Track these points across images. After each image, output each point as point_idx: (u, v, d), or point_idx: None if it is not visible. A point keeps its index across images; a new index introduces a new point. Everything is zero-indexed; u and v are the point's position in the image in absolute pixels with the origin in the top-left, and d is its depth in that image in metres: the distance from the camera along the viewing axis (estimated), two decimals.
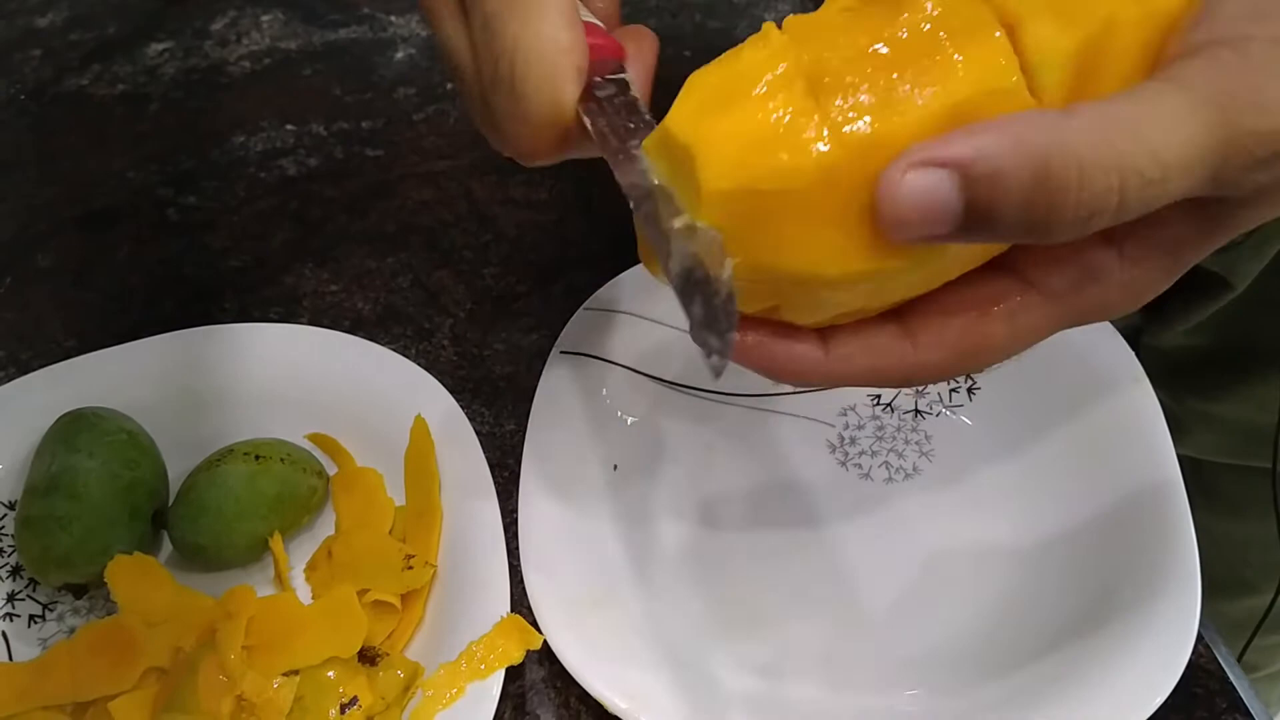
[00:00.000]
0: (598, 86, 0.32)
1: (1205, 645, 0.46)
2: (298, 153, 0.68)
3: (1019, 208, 0.25)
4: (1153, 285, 0.30)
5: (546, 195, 0.65)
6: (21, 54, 0.75)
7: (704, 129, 0.27)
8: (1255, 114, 0.26)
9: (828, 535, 0.50)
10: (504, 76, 0.30)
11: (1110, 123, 0.25)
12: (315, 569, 0.48)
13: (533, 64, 0.30)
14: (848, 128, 0.27)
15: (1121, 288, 0.30)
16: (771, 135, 0.27)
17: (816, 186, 0.27)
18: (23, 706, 0.44)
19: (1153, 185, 0.25)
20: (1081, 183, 0.25)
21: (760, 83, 0.27)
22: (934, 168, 0.25)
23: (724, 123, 0.27)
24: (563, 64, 0.30)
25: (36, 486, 0.47)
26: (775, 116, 0.27)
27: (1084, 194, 0.25)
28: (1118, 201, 0.25)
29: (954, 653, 0.46)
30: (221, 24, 0.77)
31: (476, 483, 0.48)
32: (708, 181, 0.27)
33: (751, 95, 0.27)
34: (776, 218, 0.27)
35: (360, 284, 0.61)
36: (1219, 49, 0.27)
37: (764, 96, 0.27)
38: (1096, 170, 0.25)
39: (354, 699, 0.43)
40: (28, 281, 0.61)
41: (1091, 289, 0.30)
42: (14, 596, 0.48)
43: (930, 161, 0.25)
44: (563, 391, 0.51)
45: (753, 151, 0.27)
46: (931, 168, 0.25)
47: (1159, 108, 0.26)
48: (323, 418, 0.52)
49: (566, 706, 0.45)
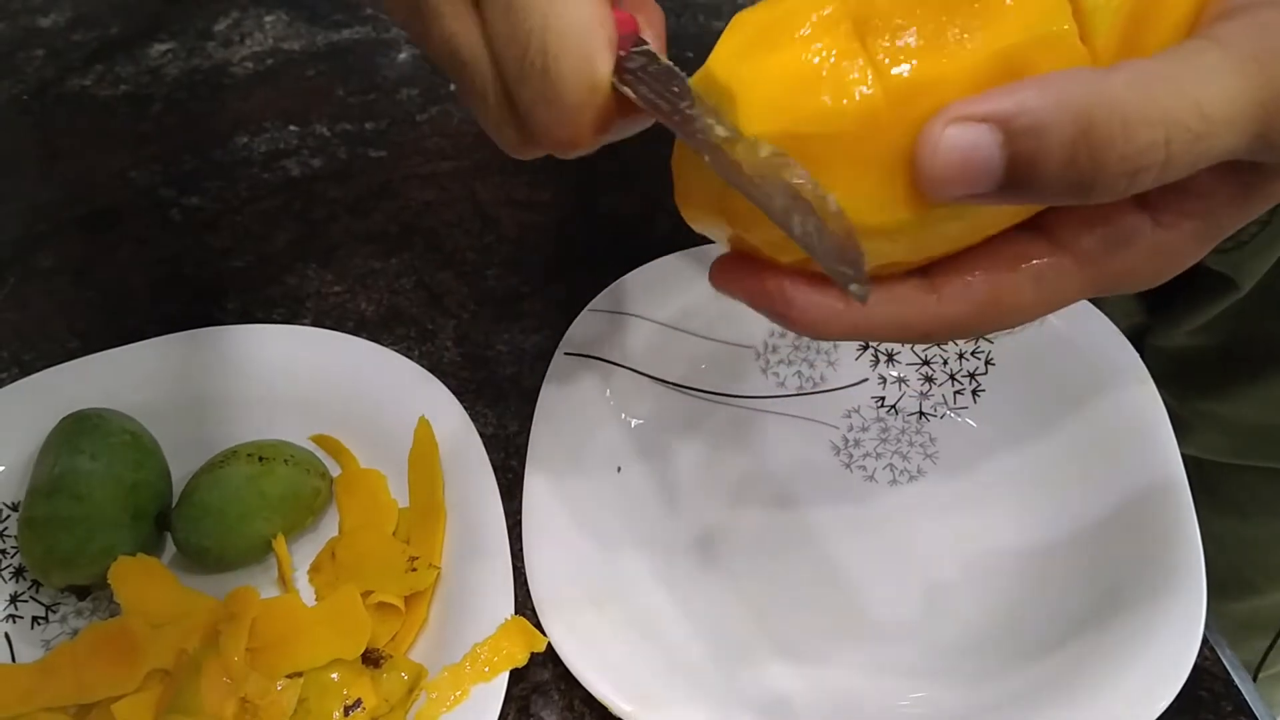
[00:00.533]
0: (627, 59, 0.31)
1: (1210, 648, 0.46)
2: (301, 153, 0.68)
3: (1062, 164, 0.25)
4: (1184, 254, 0.30)
5: (550, 196, 0.65)
6: (24, 54, 0.75)
7: (745, 70, 0.27)
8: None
9: (832, 537, 0.50)
10: (534, 61, 0.29)
11: (1154, 78, 0.25)
12: (319, 571, 0.48)
13: (566, 42, 0.29)
14: (894, 70, 0.26)
15: (1152, 253, 0.29)
16: (814, 77, 0.26)
17: (858, 131, 0.26)
18: (26, 708, 0.43)
19: (1200, 140, 0.25)
20: (1127, 136, 0.24)
21: (805, 24, 0.27)
22: (975, 123, 0.25)
23: (766, 64, 0.27)
24: (596, 39, 0.29)
25: (40, 488, 0.47)
26: (819, 59, 0.26)
27: (1129, 148, 0.24)
28: (1164, 157, 0.25)
29: (958, 654, 0.46)
30: (224, 25, 0.77)
31: (480, 484, 0.48)
32: (748, 124, 0.27)
33: (795, 36, 0.27)
34: (818, 162, 0.27)
35: (363, 285, 0.61)
36: (1260, 9, 0.26)
37: (808, 38, 0.27)
38: (1142, 124, 0.24)
39: (358, 701, 0.43)
40: (30, 281, 0.61)
41: (1122, 253, 0.29)
42: (17, 598, 0.48)
43: (971, 116, 0.25)
44: (567, 393, 0.51)
45: (794, 93, 0.27)
46: (972, 123, 0.25)
47: (1202, 63, 0.25)
48: (326, 419, 0.52)
49: (570, 709, 0.45)
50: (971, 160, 0.25)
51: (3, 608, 0.48)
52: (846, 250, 0.25)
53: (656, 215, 0.64)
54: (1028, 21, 0.26)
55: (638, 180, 0.65)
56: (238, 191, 0.66)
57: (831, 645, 0.46)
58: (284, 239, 0.63)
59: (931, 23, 0.26)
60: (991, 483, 0.51)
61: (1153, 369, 0.50)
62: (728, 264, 0.31)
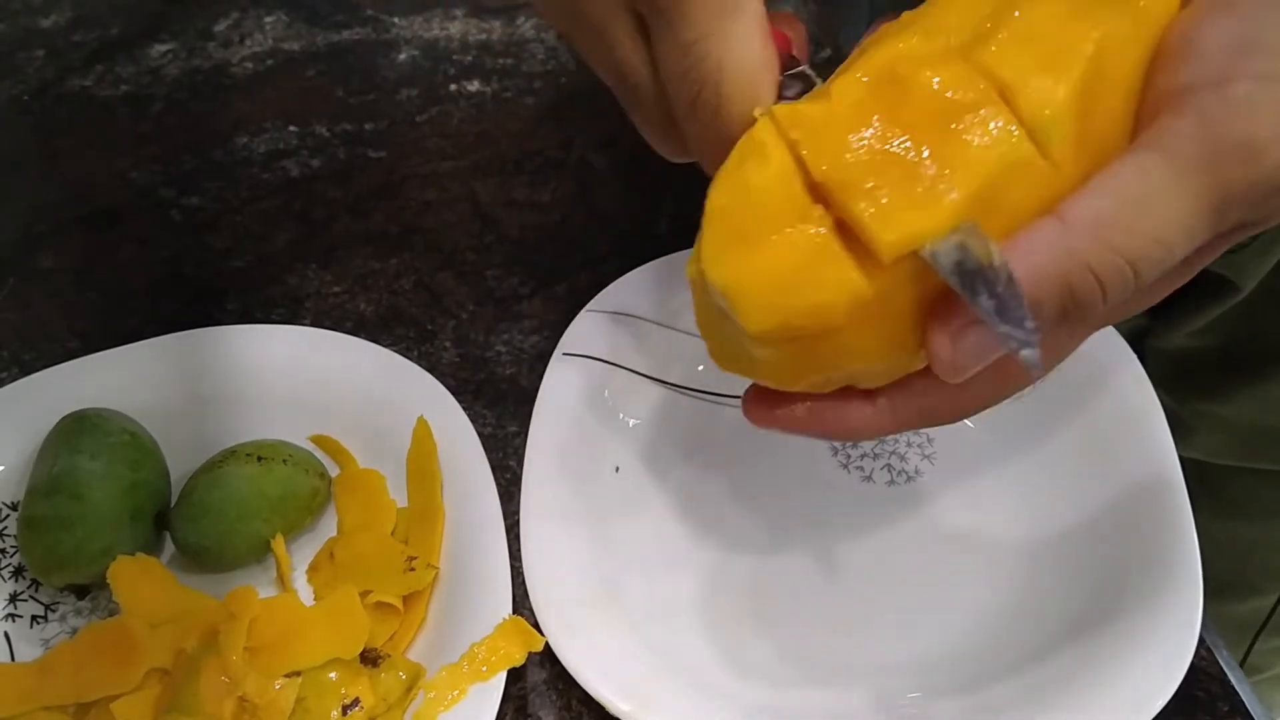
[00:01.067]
0: (784, 88, 0.32)
1: (1207, 648, 0.46)
2: (300, 154, 0.68)
3: (1056, 323, 0.28)
4: (1165, 289, 0.32)
5: (549, 197, 0.65)
6: (25, 54, 0.75)
7: (733, 272, 0.28)
8: (1245, 163, 0.27)
9: (829, 538, 0.50)
10: (708, 102, 0.31)
11: (1112, 227, 0.27)
12: (317, 570, 0.48)
13: (738, 87, 0.31)
14: (876, 241, 0.27)
15: (1137, 295, 0.30)
16: (799, 276, 0.28)
17: (852, 317, 0.28)
18: (25, 707, 0.44)
19: (1163, 260, 0.28)
20: (1103, 287, 0.27)
21: (776, 215, 0.28)
22: (975, 325, 0.27)
23: (750, 264, 0.28)
24: (764, 81, 0.31)
25: (39, 487, 0.47)
26: (798, 255, 0.28)
27: (1108, 293, 0.27)
28: (1135, 285, 0.28)
29: (954, 655, 0.46)
30: (224, 25, 0.77)
31: (479, 484, 0.48)
32: (749, 325, 0.28)
33: (770, 237, 0.28)
34: (822, 341, 0.29)
35: (363, 285, 0.61)
36: (1203, 96, 0.27)
37: (785, 237, 0.28)
38: (1112, 272, 0.27)
39: (356, 700, 0.43)
40: (30, 281, 0.61)
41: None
42: (16, 597, 0.48)
43: (970, 322, 0.27)
44: (565, 393, 0.51)
45: (784, 294, 0.28)
46: (972, 326, 0.27)
47: (1151, 187, 0.27)
48: (325, 419, 0.52)
49: (568, 709, 0.45)
50: (982, 352, 0.28)
51: (2, 607, 0.48)
52: (1015, 309, 0.26)
53: (655, 217, 0.64)
54: (993, 154, 0.27)
55: (637, 182, 0.66)
56: (238, 192, 0.66)
57: (828, 644, 0.46)
58: (284, 239, 0.63)
59: (901, 175, 0.27)
60: (989, 483, 0.51)
61: (1153, 371, 0.50)
62: (757, 405, 0.34)
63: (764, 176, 0.28)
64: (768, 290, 0.28)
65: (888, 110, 0.28)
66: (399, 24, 0.77)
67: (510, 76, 0.73)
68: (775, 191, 0.28)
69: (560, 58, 0.74)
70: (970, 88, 0.28)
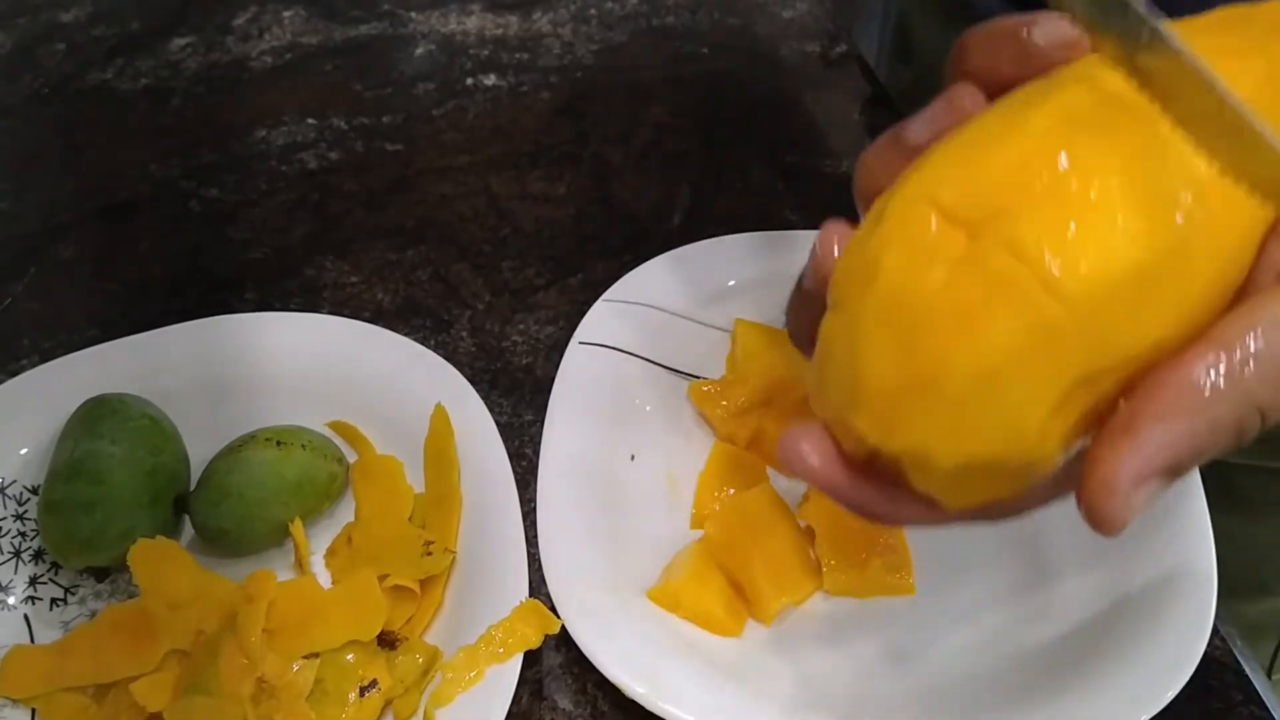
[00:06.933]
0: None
1: (1221, 638, 0.46)
2: (318, 146, 0.69)
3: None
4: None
5: (564, 190, 0.66)
6: (46, 48, 0.75)
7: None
8: None
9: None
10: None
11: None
12: (335, 554, 0.49)
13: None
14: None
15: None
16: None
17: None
18: (45, 688, 0.44)
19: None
20: (1264, 417, 0.26)
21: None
22: (1147, 480, 0.26)
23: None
24: None
25: (60, 471, 0.47)
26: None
27: (1269, 420, 0.27)
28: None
29: (968, 643, 0.46)
30: (243, 19, 0.77)
31: (496, 470, 0.48)
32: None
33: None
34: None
35: (380, 276, 0.61)
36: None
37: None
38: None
39: (373, 682, 0.43)
40: (51, 272, 0.62)
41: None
42: (36, 580, 0.49)
43: (1141, 478, 0.26)
44: (580, 382, 0.51)
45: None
46: (1145, 481, 0.26)
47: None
48: (343, 406, 0.52)
49: (584, 692, 0.45)
50: (1146, 505, 0.26)
51: (23, 590, 0.48)
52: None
53: (669, 209, 0.64)
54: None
55: (650, 175, 0.66)
56: (256, 184, 0.66)
57: (839, 627, 0.47)
58: (301, 231, 0.64)
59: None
60: None
61: None
62: (834, 462, 0.31)
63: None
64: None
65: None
66: (416, 19, 0.77)
67: (526, 71, 0.73)
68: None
69: (575, 52, 0.75)
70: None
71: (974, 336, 0.26)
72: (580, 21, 0.77)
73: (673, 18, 0.78)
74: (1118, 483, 0.26)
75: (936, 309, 0.26)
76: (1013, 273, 0.25)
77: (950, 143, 0.28)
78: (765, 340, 0.54)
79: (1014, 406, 0.26)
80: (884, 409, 0.27)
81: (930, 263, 0.26)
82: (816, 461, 0.30)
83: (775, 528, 0.48)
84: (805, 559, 0.48)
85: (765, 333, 0.54)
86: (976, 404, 0.26)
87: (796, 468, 0.30)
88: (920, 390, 0.26)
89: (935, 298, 0.26)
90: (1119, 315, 0.25)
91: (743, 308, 0.55)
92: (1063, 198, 0.25)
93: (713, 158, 0.67)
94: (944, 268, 0.26)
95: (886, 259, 0.27)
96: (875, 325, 0.27)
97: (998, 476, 0.27)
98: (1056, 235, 0.25)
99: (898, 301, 0.27)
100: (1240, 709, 0.45)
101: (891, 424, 0.27)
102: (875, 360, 0.27)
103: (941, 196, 0.27)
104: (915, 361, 0.26)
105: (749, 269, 0.56)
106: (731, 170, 0.67)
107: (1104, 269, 0.25)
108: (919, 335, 0.26)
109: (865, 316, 0.27)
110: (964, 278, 0.26)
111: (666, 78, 0.73)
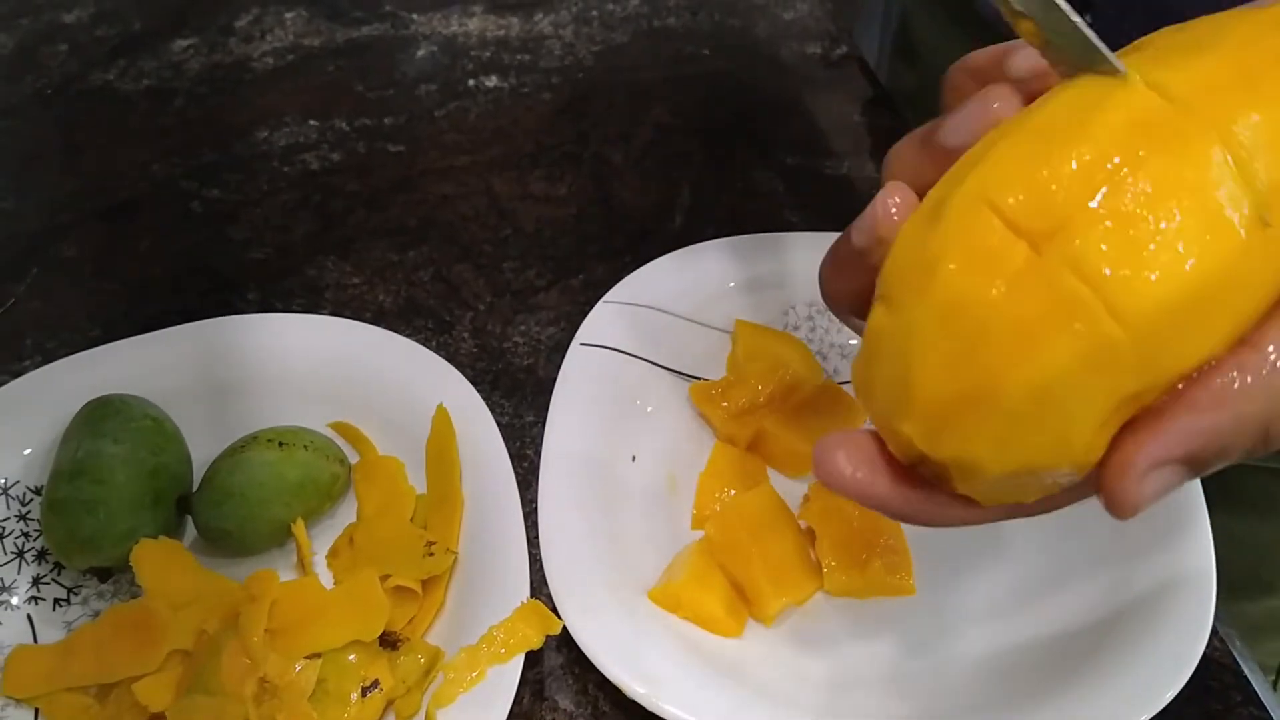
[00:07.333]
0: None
1: (1220, 639, 0.46)
2: (320, 147, 0.69)
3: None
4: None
5: (565, 190, 0.66)
6: (48, 49, 0.76)
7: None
8: None
9: None
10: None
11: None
12: (337, 555, 0.49)
13: None
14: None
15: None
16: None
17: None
18: (48, 688, 0.44)
19: None
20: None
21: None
22: (1167, 466, 0.26)
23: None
24: None
25: (63, 471, 0.47)
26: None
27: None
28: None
29: (968, 643, 0.46)
30: (245, 21, 0.77)
31: (497, 471, 0.48)
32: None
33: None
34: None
35: (382, 277, 0.61)
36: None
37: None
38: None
39: (375, 682, 0.43)
40: (53, 272, 0.62)
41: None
42: (39, 580, 0.49)
43: (1162, 461, 0.26)
44: (581, 383, 0.52)
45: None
46: (1165, 467, 0.26)
47: None
48: (345, 407, 0.52)
49: (584, 692, 0.45)
50: (1163, 492, 0.27)
51: (26, 590, 0.48)
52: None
53: (670, 210, 0.64)
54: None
55: (652, 175, 0.66)
56: (258, 184, 0.67)
57: (840, 628, 0.47)
58: (303, 231, 0.64)
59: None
60: None
61: None
62: (880, 467, 0.31)
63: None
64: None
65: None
66: (418, 20, 0.77)
67: (527, 72, 0.74)
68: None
69: (576, 53, 0.75)
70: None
71: (1033, 353, 0.25)
72: (581, 23, 0.77)
73: (674, 19, 0.78)
74: (1135, 464, 0.26)
75: (996, 323, 0.26)
76: (1076, 293, 0.25)
77: (1009, 138, 0.28)
78: (766, 341, 0.54)
79: (1066, 421, 0.26)
80: (935, 418, 0.27)
81: (992, 273, 0.26)
82: (854, 473, 0.29)
83: (776, 528, 0.48)
84: (806, 560, 0.48)
85: (766, 334, 0.54)
86: (1030, 419, 0.26)
87: (834, 482, 0.30)
88: (974, 402, 0.26)
89: (995, 311, 0.26)
90: (1177, 334, 0.25)
91: (743, 309, 0.55)
92: (1127, 214, 0.25)
93: (713, 159, 0.67)
94: (1005, 280, 0.26)
95: (946, 263, 0.27)
96: (931, 332, 0.27)
97: (1040, 481, 0.28)
98: (1121, 256, 0.25)
99: (956, 310, 0.26)
100: (1239, 710, 0.45)
101: (942, 433, 0.27)
102: (929, 368, 0.27)
103: (1004, 201, 0.26)
104: (971, 374, 0.26)
105: (749, 270, 0.56)
106: (732, 171, 0.67)
107: (1167, 291, 0.25)
108: (977, 347, 0.26)
109: (921, 321, 0.27)
110: (1026, 293, 0.26)
111: (667, 79, 0.73)
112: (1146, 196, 0.25)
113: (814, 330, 0.56)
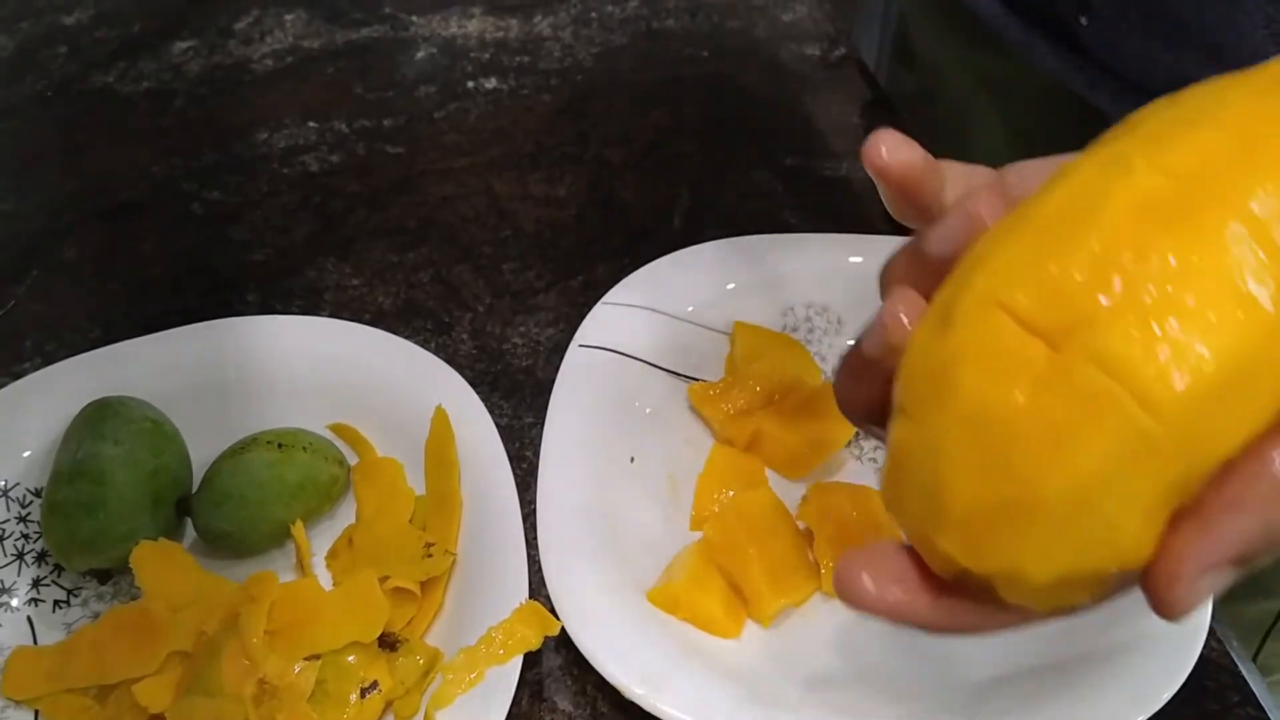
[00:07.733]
0: None
1: (1218, 639, 0.46)
2: (320, 149, 0.69)
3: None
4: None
5: (565, 192, 0.66)
6: (48, 51, 0.76)
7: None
8: None
9: None
10: None
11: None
12: (336, 556, 0.49)
13: None
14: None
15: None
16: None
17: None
18: (48, 689, 0.44)
19: None
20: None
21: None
22: (1214, 570, 0.25)
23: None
24: None
25: (62, 473, 0.47)
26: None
27: None
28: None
29: (966, 644, 0.46)
30: (245, 23, 0.78)
31: (496, 473, 0.49)
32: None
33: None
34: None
35: (381, 278, 0.61)
36: None
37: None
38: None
39: (374, 683, 0.43)
40: (53, 273, 0.62)
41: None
42: (39, 582, 0.49)
43: (1208, 566, 0.25)
44: (581, 384, 0.52)
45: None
46: (1211, 570, 0.25)
47: None
48: (344, 408, 0.53)
49: (583, 693, 0.46)
50: (1210, 593, 0.25)
51: (26, 592, 0.48)
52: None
53: (670, 211, 0.64)
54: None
55: (651, 177, 0.66)
56: (258, 186, 0.67)
57: (840, 629, 0.47)
58: (303, 233, 0.64)
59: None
60: None
61: None
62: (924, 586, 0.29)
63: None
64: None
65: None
66: (417, 22, 0.77)
67: (527, 73, 0.74)
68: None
69: (576, 55, 0.75)
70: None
71: (1066, 456, 0.24)
72: (581, 25, 0.78)
73: (673, 21, 0.78)
74: (1183, 572, 0.25)
75: (1024, 429, 0.25)
76: (1104, 389, 0.24)
77: (1012, 234, 0.26)
78: (764, 343, 0.54)
79: (1109, 520, 0.25)
80: (973, 532, 0.26)
81: (1013, 376, 0.25)
82: (884, 594, 0.28)
83: (774, 529, 0.48)
84: (804, 560, 0.48)
85: (764, 335, 0.55)
86: (1071, 523, 0.25)
87: (865, 606, 0.28)
88: (1011, 513, 0.25)
89: (1021, 417, 0.25)
90: (1214, 419, 0.24)
91: (742, 310, 0.55)
92: (1148, 301, 0.24)
93: (713, 160, 0.67)
94: (1028, 384, 0.25)
95: (964, 373, 0.25)
96: (957, 445, 0.26)
97: (1092, 582, 0.26)
98: (1147, 345, 0.24)
99: (981, 421, 0.25)
100: (1236, 710, 0.45)
101: (981, 547, 0.26)
102: (960, 482, 0.26)
103: (1015, 301, 0.25)
104: (1004, 484, 0.25)
105: (748, 272, 0.56)
106: (731, 173, 0.67)
107: (1200, 375, 0.24)
108: (1006, 457, 0.25)
109: (946, 434, 0.26)
110: (1051, 395, 0.24)
111: (666, 80, 0.73)
112: (1165, 281, 0.24)
113: (812, 332, 0.56)
